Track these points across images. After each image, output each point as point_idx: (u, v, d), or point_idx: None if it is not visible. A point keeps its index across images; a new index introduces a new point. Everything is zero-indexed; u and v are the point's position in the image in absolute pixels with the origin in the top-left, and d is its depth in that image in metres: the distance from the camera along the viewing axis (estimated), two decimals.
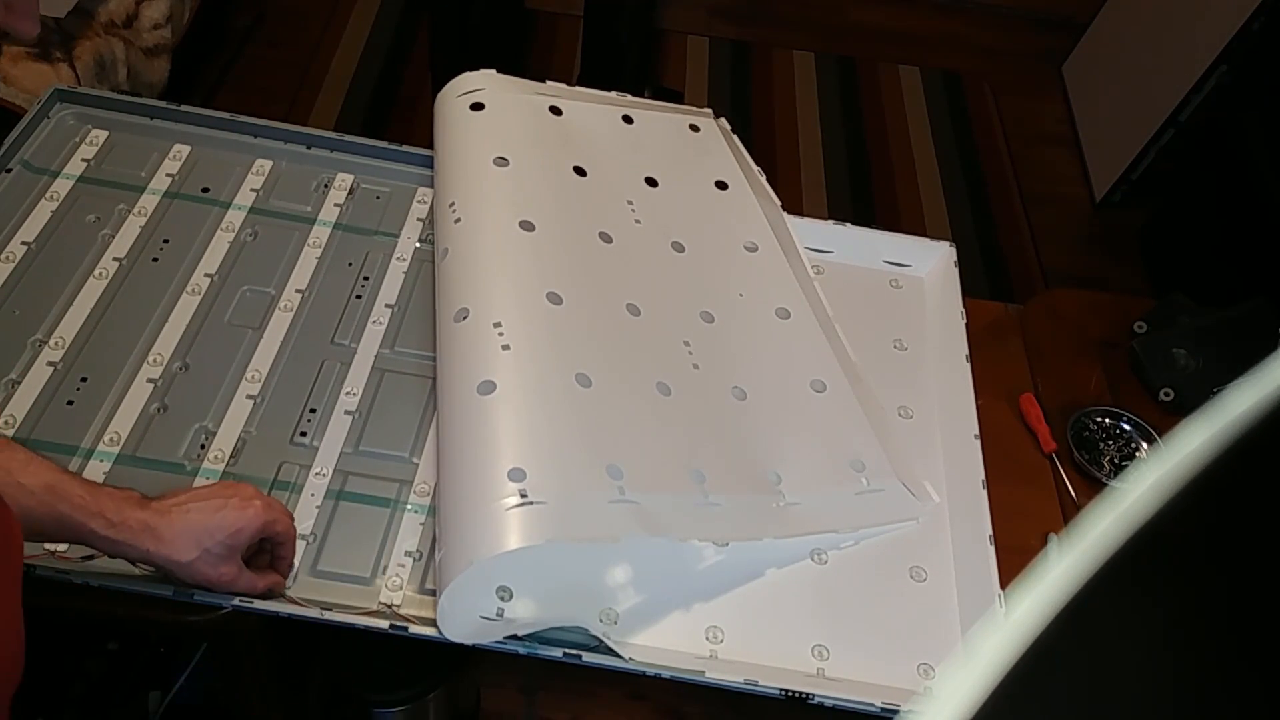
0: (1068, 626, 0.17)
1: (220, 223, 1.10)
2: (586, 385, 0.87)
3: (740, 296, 1.06)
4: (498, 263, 0.95)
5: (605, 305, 0.96)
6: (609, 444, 0.85)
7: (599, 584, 0.88)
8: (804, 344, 1.05)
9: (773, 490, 0.93)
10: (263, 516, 0.76)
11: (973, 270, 2.08)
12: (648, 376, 0.93)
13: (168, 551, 0.72)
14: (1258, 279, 1.76)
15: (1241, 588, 0.17)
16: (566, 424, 0.84)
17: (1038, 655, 0.17)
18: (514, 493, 0.77)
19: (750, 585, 0.91)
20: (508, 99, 1.11)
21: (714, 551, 0.92)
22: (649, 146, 1.15)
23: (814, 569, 0.93)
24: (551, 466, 0.80)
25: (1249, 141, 1.97)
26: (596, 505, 0.80)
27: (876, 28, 2.80)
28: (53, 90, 1.17)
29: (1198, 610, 0.18)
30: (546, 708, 1.49)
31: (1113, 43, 2.54)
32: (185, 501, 0.74)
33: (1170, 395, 1.17)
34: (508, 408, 0.84)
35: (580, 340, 0.91)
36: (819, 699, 0.82)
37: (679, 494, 0.86)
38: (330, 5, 2.58)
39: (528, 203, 1.00)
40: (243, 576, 0.78)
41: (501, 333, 0.88)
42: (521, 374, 0.86)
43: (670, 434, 0.90)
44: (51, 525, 0.69)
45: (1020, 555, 0.97)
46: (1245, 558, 0.17)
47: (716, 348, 1.00)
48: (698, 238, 1.09)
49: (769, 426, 0.97)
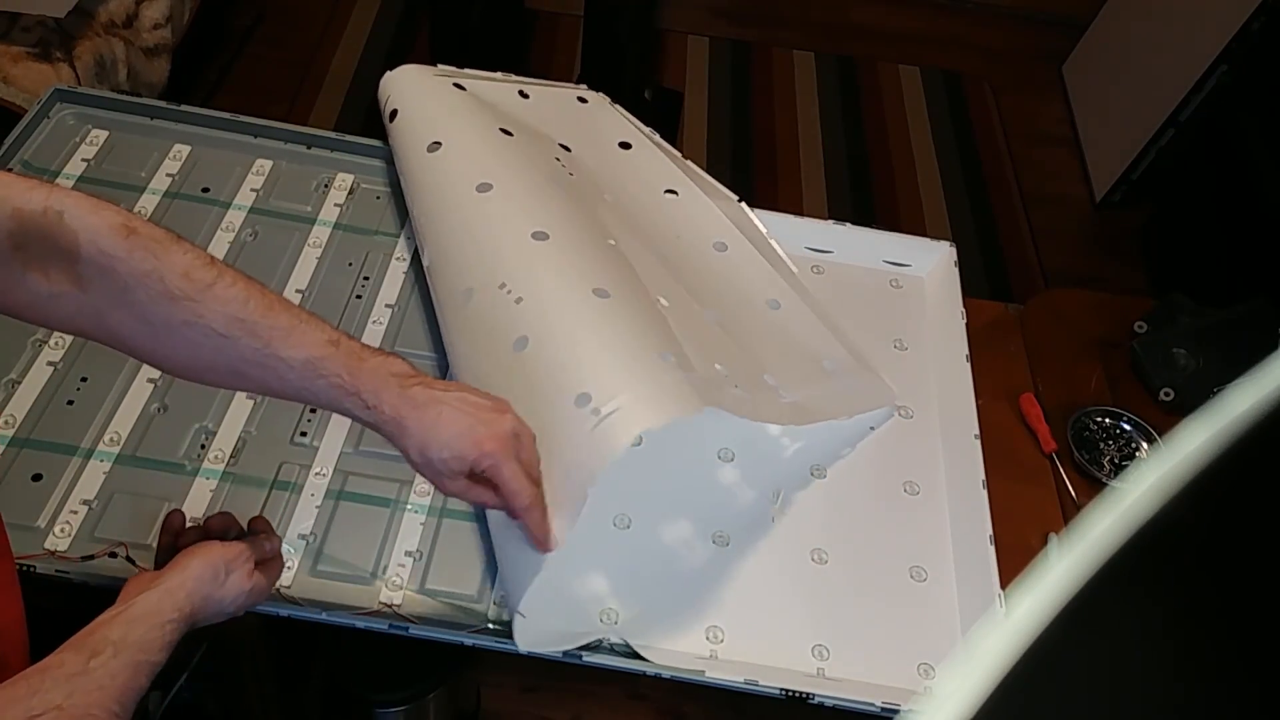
0: (1068, 626, 0.17)
1: (220, 223, 1.10)
2: (605, 296, 0.88)
3: (678, 239, 1.10)
4: (473, 231, 0.97)
5: (587, 234, 0.98)
6: (649, 337, 0.86)
7: (597, 584, 0.88)
8: (749, 270, 1.09)
9: (771, 388, 0.95)
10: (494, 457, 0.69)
11: (973, 270, 2.08)
12: (649, 288, 0.96)
13: (405, 445, 0.68)
14: (1258, 279, 1.76)
15: (1241, 587, 0.17)
16: (604, 330, 0.85)
17: (1038, 655, 0.17)
18: (588, 414, 0.77)
19: (750, 585, 0.91)
20: (415, 92, 1.13)
21: (714, 551, 0.92)
22: (549, 117, 1.18)
23: (814, 569, 0.93)
24: (611, 374, 0.81)
25: (1249, 141, 1.97)
26: (664, 388, 0.80)
27: (876, 28, 2.80)
28: (53, 90, 1.17)
29: (1197, 610, 0.18)
30: (546, 708, 1.50)
31: (1113, 43, 2.54)
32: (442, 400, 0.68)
33: (1170, 395, 1.17)
34: (546, 350, 0.84)
35: (582, 261, 0.93)
36: (819, 699, 0.82)
37: (715, 378, 0.87)
38: (330, 5, 2.58)
39: (475, 170, 1.01)
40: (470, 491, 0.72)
41: (509, 290, 0.89)
42: (543, 316, 0.87)
43: (689, 334, 0.92)
44: (311, 397, 0.66)
45: (1020, 555, 0.97)
46: (1245, 558, 0.17)
47: (679, 280, 1.03)
48: (622, 191, 1.12)
49: (747, 342, 1.00)
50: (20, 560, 0.80)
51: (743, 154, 2.42)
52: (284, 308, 0.65)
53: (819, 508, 0.97)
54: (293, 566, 0.84)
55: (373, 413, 0.67)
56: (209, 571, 0.66)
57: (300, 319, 0.65)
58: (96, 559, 0.82)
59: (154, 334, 0.62)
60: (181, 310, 0.61)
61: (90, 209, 0.60)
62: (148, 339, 0.63)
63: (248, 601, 0.69)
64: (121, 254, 0.60)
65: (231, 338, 0.63)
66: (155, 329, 0.62)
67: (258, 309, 0.63)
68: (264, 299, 0.64)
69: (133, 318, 0.61)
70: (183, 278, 0.61)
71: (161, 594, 0.63)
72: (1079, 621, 0.17)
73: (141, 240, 0.61)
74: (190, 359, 0.64)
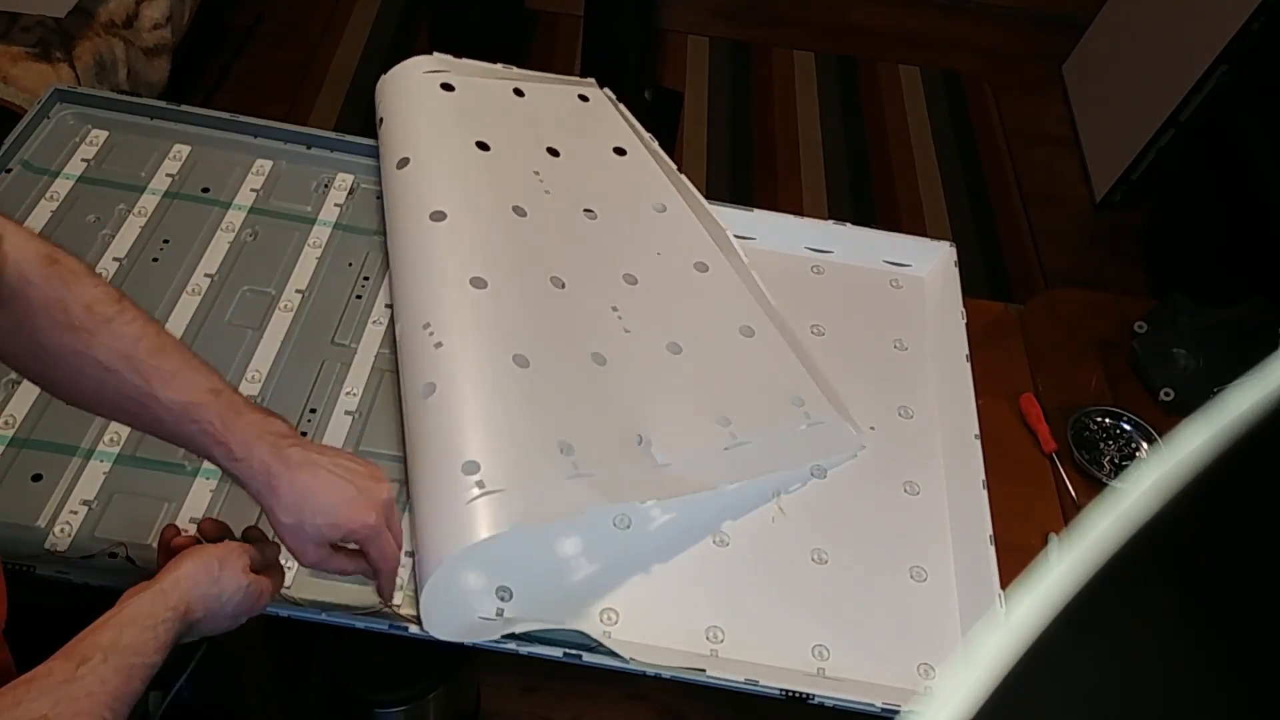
0: (1068, 627, 0.17)
1: (220, 223, 1.10)
2: (525, 365, 0.87)
3: (658, 255, 1.08)
4: (415, 261, 0.96)
5: (530, 282, 0.97)
6: (555, 421, 0.85)
7: (597, 584, 0.88)
8: (726, 294, 1.07)
9: (723, 434, 0.94)
10: (372, 529, 0.71)
11: (973, 270, 2.08)
12: (582, 348, 0.94)
13: (273, 505, 0.69)
14: (1258, 279, 1.76)
15: (1242, 587, 0.17)
16: (510, 408, 0.85)
17: (1038, 655, 0.17)
18: (471, 485, 0.78)
19: (750, 585, 0.91)
20: (400, 99, 1.12)
21: (714, 549, 0.92)
22: (544, 118, 1.16)
23: (814, 569, 0.93)
24: (503, 453, 0.81)
25: (1249, 141, 1.97)
26: (554, 483, 0.80)
27: (876, 28, 2.80)
28: (53, 90, 1.17)
29: (1198, 610, 0.18)
30: (546, 708, 1.49)
31: (1113, 43, 2.54)
32: (318, 464, 0.69)
33: (1170, 395, 1.17)
34: (451, 405, 0.84)
35: (511, 321, 0.92)
36: (819, 699, 0.82)
37: (631, 461, 0.86)
38: (330, 5, 2.58)
39: (434, 194, 1.00)
40: (331, 560, 0.73)
41: (431, 332, 0.89)
42: (458, 369, 0.86)
43: (613, 402, 0.91)
44: (184, 441, 0.68)
45: (1020, 555, 0.97)
46: (1246, 558, 0.17)
47: (644, 308, 1.02)
48: (607, 203, 1.10)
49: (709, 375, 0.99)
50: (20, 560, 0.81)
51: (743, 154, 2.42)
52: (176, 351, 0.68)
53: (819, 508, 0.97)
54: (293, 567, 0.84)
55: (240, 465, 0.68)
56: (202, 569, 0.66)
57: (188, 365, 0.68)
58: (96, 559, 0.82)
59: (45, 360, 0.66)
60: (74, 339, 0.64)
61: (25, 237, 0.64)
62: (37, 363, 0.66)
63: (246, 602, 0.69)
64: (38, 280, 0.63)
65: (115, 372, 0.65)
66: (47, 355, 0.65)
67: (147, 349, 0.66)
68: (157, 340, 0.67)
69: (29, 342, 0.64)
70: (85, 309, 0.65)
71: (154, 595, 0.63)
72: (1079, 621, 0.17)
73: (59, 270, 0.64)
74: (75, 388, 0.67)
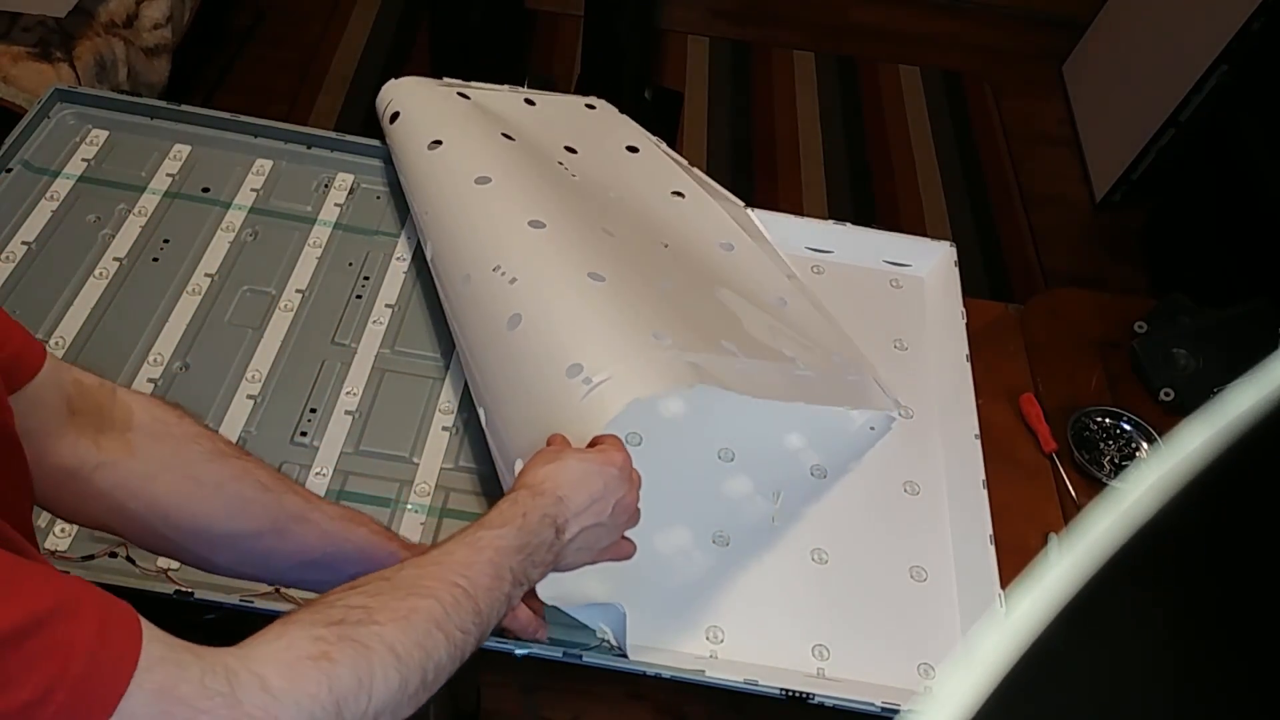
0: (1068, 626, 0.17)
1: (220, 223, 1.10)
2: (600, 280, 0.89)
3: (684, 239, 1.10)
4: (469, 220, 0.98)
5: (585, 225, 0.99)
6: (645, 316, 0.87)
7: (598, 584, 0.88)
8: (755, 270, 1.09)
9: (787, 363, 0.96)
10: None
11: (973, 270, 2.08)
12: (650, 271, 0.96)
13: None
14: (1258, 279, 1.76)
15: (1242, 587, 0.17)
16: (599, 310, 0.86)
17: (1038, 655, 0.17)
18: (579, 384, 0.79)
19: (750, 585, 0.91)
20: (417, 97, 1.14)
21: (714, 551, 0.92)
22: (556, 122, 1.19)
23: (814, 569, 0.93)
24: (602, 347, 0.82)
25: (1249, 141, 1.97)
26: (656, 363, 0.82)
27: (876, 28, 2.80)
28: (53, 90, 1.17)
29: (1198, 610, 0.18)
30: (546, 707, 1.49)
31: (1113, 43, 2.54)
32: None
33: (1170, 395, 1.17)
34: (540, 326, 0.86)
35: (577, 250, 0.93)
36: (819, 699, 0.82)
37: (717, 353, 0.88)
38: (330, 5, 2.58)
39: (474, 164, 1.02)
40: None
41: (504, 273, 0.90)
42: (539, 294, 0.88)
43: (691, 310, 0.93)
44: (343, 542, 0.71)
45: (1020, 555, 0.97)
46: (1245, 557, 0.17)
47: (685, 270, 1.04)
48: (630, 191, 1.13)
49: (760, 326, 1.00)
50: None
51: (743, 154, 2.42)
52: None
53: (819, 508, 0.97)
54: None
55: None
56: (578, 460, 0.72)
57: None
58: (96, 559, 0.82)
59: (202, 493, 0.64)
60: (231, 466, 0.65)
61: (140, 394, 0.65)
62: (193, 499, 0.64)
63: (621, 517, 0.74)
64: (173, 419, 0.64)
65: (276, 492, 0.66)
66: (204, 487, 0.64)
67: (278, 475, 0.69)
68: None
69: (182, 478, 0.63)
70: (226, 441, 0.66)
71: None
72: (1079, 621, 0.17)
73: (186, 411, 0.65)
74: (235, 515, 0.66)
